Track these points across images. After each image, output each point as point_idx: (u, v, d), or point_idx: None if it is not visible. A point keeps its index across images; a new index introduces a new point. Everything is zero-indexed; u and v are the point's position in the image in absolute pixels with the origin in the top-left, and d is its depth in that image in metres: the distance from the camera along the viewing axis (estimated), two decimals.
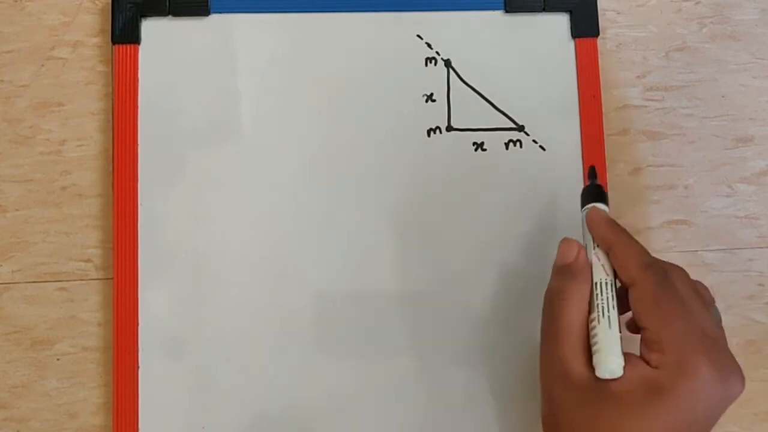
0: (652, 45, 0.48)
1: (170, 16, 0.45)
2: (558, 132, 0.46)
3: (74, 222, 0.44)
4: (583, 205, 0.39)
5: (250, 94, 0.45)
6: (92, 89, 0.45)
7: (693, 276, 0.46)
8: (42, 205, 0.44)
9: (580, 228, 0.39)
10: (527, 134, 0.46)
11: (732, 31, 0.49)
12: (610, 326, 0.34)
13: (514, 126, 0.46)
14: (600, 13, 0.47)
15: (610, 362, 0.33)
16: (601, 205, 0.38)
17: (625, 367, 0.33)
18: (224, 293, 0.43)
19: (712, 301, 0.36)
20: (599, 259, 0.36)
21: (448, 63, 0.46)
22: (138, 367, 0.42)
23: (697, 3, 0.49)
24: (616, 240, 0.36)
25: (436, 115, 0.46)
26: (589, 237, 0.37)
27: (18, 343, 0.43)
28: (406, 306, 0.44)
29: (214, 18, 0.45)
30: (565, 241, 0.37)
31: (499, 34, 0.46)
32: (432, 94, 0.46)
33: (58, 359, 0.43)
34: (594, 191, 0.39)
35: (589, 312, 0.35)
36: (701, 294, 0.35)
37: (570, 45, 0.47)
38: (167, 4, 0.45)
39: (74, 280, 0.44)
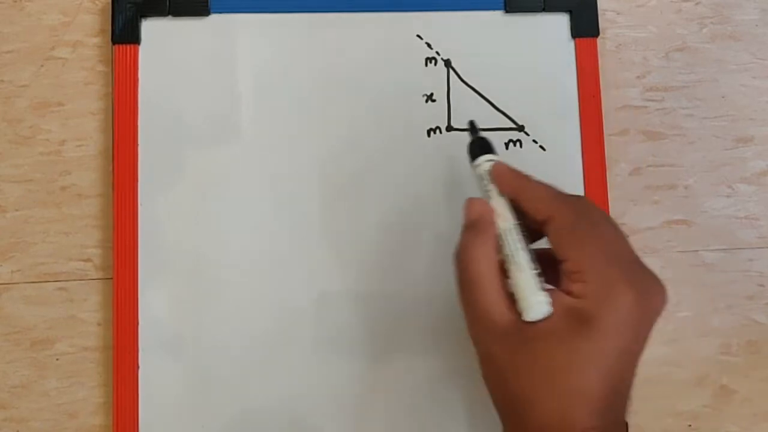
0: (652, 45, 0.48)
1: (170, 16, 0.45)
2: (558, 132, 0.46)
3: (74, 222, 0.44)
4: (473, 159, 0.39)
5: (249, 94, 0.45)
6: (92, 89, 0.45)
7: (693, 277, 0.46)
8: (42, 205, 0.44)
9: None
10: (527, 134, 0.46)
11: (732, 32, 0.49)
12: (522, 269, 0.34)
13: (514, 126, 0.46)
14: (600, 13, 0.47)
15: (533, 303, 0.33)
16: (493, 157, 0.38)
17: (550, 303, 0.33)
18: (224, 293, 0.43)
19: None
20: (501, 208, 0.36)
21: (448, 63, 0.46)
22: (138, 367, 0.42)
23: (697, 3, 0.49)
24: (523, 184, 0.36)
25: (436, 115, 0.46)
26: (491, 188, 0.37)
27: (18, 343, 0.43)
28: (407, 306, 0.44)
29: (214, 18, 0.45)
30: (467, 200, 0.37)
31: (499, 34, 0.46)
32: (432, 94, 0.46)
33: (57, 359, 0.43)
34: (481, 144, 0.39)
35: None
36: (611, 218, 0.36)
37: (570, 45, 0.47)
38: (167, 4, 0.45)
39: (74, 280, 0.44)
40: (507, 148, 0.46)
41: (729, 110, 0.48)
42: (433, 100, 0.46)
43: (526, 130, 0.46)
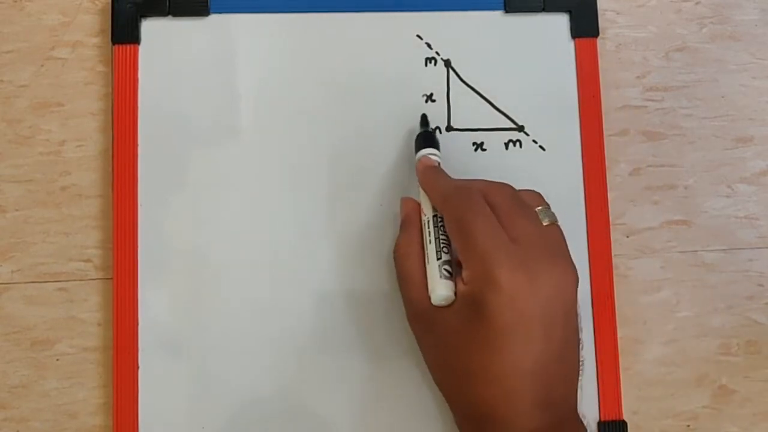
0: (652, 45, 0.48)
1: (170, 16, 0.45)
2: (558, 132, 0.46)
3: (74, 222, 0.44)
4: (416, 151, 0.42)
5: (249, 94, 0.45)
6: (92, 89, 0.45)
7: (692, 277, 0.46)
8: (42, 206, 0.44)
9: (578, 225, 0.40)
10: (527, 134, 0.46)
11: (732, 32, 0.49)
12: (429, 260, 0.38)
13: (514, 126, 0.46)
14: (600, 13, 0.47)
15: (434, 291, 0.37)
16: (428, 151, 0.41)
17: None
18: (224, 293, 0.43)
19: (541, 203, 0.38)
20: (423, 202, 0.40)
21: (448, 63, 0.46)
22: (138, 367, 0.42)
23: (697, 3, 0.49)
24: (430, 179, 0.40)
25: (436, 115, 0.46)
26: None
27: (18, 344, 0.43)
28: None
29: (214, 18, 0.45)
30: (401, 199, 0.41)
31: (499, 34, 0.46)
32: (432, 94, 0.46)
33: (57, 359, 0.43)
34: (425, 137, 0.42)
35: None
36: (520, 200, 0.37)
37: (570, 45, 0.47)
38: (167, 4, 0.45)
39: (74, 280, 0.44)
40: (507, 148, 0.46)
41: (729, 110, 0.48)
42: (433, 100, 0.46)
43: (526, 130, 0.46)
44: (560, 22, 0.47)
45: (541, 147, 0.46)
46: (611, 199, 0.46)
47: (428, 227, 0.39)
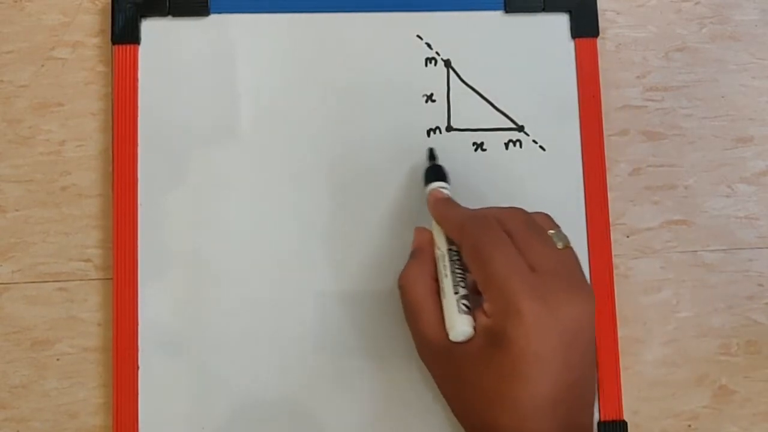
0: (652, 45, 0.48)
1: (170, 16, 0.45)
2: (558, 132, 0.46)
3: (74, 222, 0.44)
4: (425, 185, 0.42)
5: (249, 94, 0.45)
6: (92, 89, 0.45)
7: (692, 277, 0.46)
8: (42, 205, 0.44)
9: (578, 225, 0.40)
10: (527, 134, 0.46)
11: (732, 32, 0.49)
12: (446, 294, 0.36)
13: (514, 126, 0.46)
14: (600, 13, 0.47)
15: (453, 327, 0.35)
16: (438, 184, 0.41)
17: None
18: (224, 293, 0.43)
19: (553, 227, 0.37)
20: (436, 235, 0.39)
21: (448, 63, 0.46)
22: (138, 367, 0.42)
23: (696, 3, 0.49)
24: (442, 211, 0.39)
25: (436, 115, 0.46)
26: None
27: (18, 343, 0.43)
28: None
29: (214, 18, 0.45)
30: (414, 229, 0.40)
31: (499, 34, 0.46)
32: (432, 94, 0.46)
33: (57, 359, 0.43)
34: (435, 171, 0.42)
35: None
36: (535, 225, 0.37)
37: (570, 45, 0.47)
38: (167, 4, 0.45)
39: (74, 280, 0.44)
40: (507, 148, 0.46)
41: (729, 110, 0.48)
42: (433, 101, 0.46)
43: (526, 130, 0.46)
44: (560, 22, 0.47)
45: (541, 147, 0.46)
46: (611, 199, 0.46)
47: (443, 261, 0.38)
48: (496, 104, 0.46)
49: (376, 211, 0.45)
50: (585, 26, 0.47)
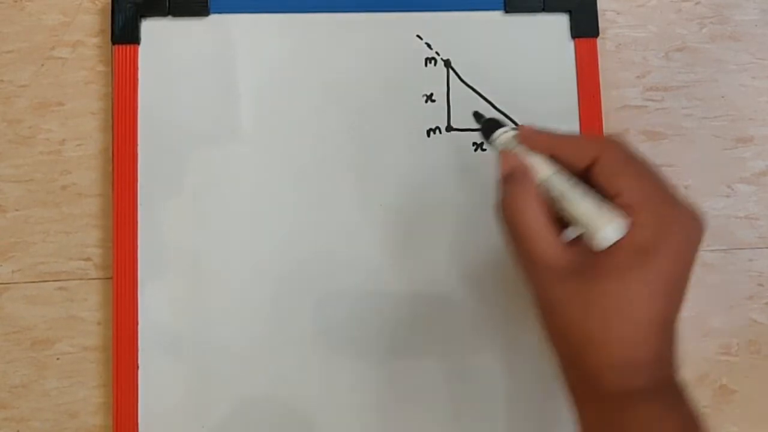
0: (652, 45, 0.48)
1: (170, 17, 0.45)
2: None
3: (74, 222, 0.44)
4: (488, 138, 0.38)
5: (249, 94, 0.45)
6: (92, 89, 0.45)
7: (692, 276, 0.46)
8: (42, 205, 0.44)
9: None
10: None
11: (732, 32, 0.49)
12: (582, 199, 0.34)
13: (513, 126, 0.46)
14: (600, 13, 0.47)
15: (599, 230, 0.33)
16: (510, 126, 0.38)
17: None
18: (224, 293, 0.43)
19: None
20: (536, 162, 0.36)
21: (448, 63, 0.46)
22: (138, 367, 0.42)
23: (697, 3, 0.49)
24: (556, 138, 0.36)
25: (436, 115, 0.46)
26: (520, 150, 0.37)
27: (18, 343, 0.43)
28: (408, 306, 0.44)
29: (214, 18, 0.45)
30: (501, 155, 0.37)
31: (499, 34, 0.46)
32: (432, 94, 0.46)
33: (57, 359, 0.43)
34: (493, 123, 0.39)
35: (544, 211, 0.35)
36: None
37: (570, 45, 0.47)
38: (167, 4, 0.45)
39: (74, 280, 0.44)
40: None
41: (728, 110, 0.48)
42: (433, 100, 0.46)
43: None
44: (560, 22, 0.47)
45: None
46: None
47: (557, 177, 0.35)
48: (495, 104, 0.46)
49: (377, 210, 0.45)
50: (585, 26, 0.47)
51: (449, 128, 0.46)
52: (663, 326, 0.33)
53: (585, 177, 0.35)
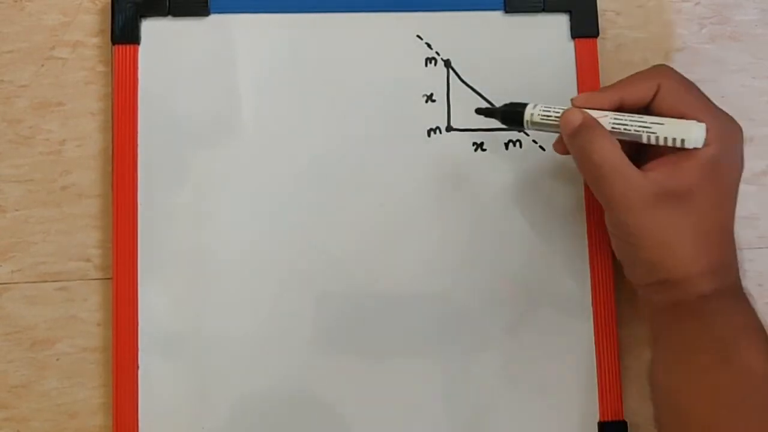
0: (652, 45, 0.48)
1: (170, 17, 0.45)
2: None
3: (74, 222, 0.44)
4: (513, 122, 0.41)
5: (249, 94, 0.45)
6: (92, 89, 0.45)
7: None
8: (42, 205, 0.44)
9: (578, 226, 0.43)
10: (527, 134, 0.46)
11: (732, 32, 0.49)
12: (659, 121, 0.37)
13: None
14: (600, 13, 0.47)
15: (691, 131, 0.37)
16: (532, 104, 0.41)
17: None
18: (224, 293, 0.43)
19: None
20: (598, 114, 0.38)
21: (448, 63, 0.46)
22: (138, 367, 0.42)
23: (696, 3, 0.49)
24: (615, 86, 0.40)
25: (436, 115, 0.46)
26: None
27: (18, 343, 0.43)
28: (406, 305, 0.44)
29: (214, 18, 0.45)
30: (566, 114, 0.39)
31: (499, 34, 0.46)
32: (432, 94, 0.46)
33: (57, 359, 0.43)
34: (512, 107, 0.41)
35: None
36: None
37: (570, 45, 0.47)
38: (167, 4, 0.45)
39: (74, 280, 0.44)
40: (507, 148, 0.46)
41: (728, 110, 0.48)
42: (433, 100, 0.46)
43: (526, 130, 0.46)
44: (560, 22, 0.47)
45: (541, 147, 0.46)
46: None
47: (623, 116, 0.38)
48: (496, 104, 0.46)
49: (377, 210, 0.45)
50: (585, 26, 0.47)
51: (449, 128, 0.46)
52: (727, 234, 0.39)
53: (645, 112, 0.39)
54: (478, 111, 0.43)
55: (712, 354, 0.37)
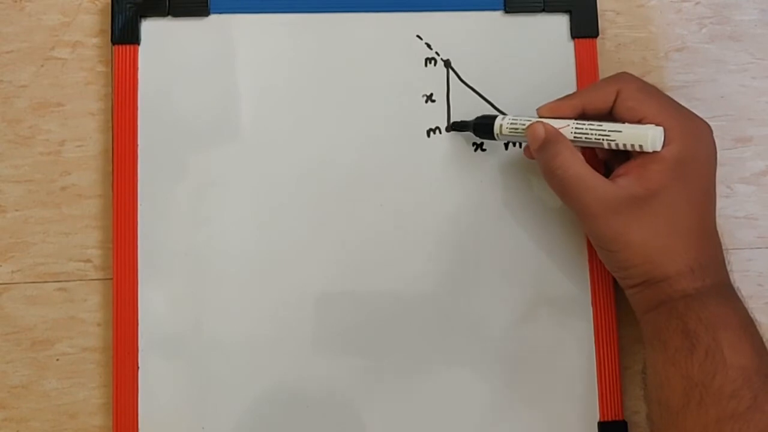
0: (652, 45, 0.48)
1: (170, 17, 0.45)
2: None
3: (74, 222, 0.44)
4: (484, 134, 0.44)
5: (249, 94, 0.45)
6: (92, 89, 0.45)
7: None
8: (42, 206, 0.44)
9: (578, 225, 0.42)
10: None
11: (731, 32, 0.49)
12: (617, 128, 0.38)
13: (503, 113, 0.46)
14: (599, 13, 0.47)
15: (647, 136, 0.37)
16: (502, 115, 0.43)
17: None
18: (224, 293, 0.43)
19: None
20: (560, 123, 0.40)
21: (447, 63, 0.46)
22: (138, 367, 0.42)
23: (696, 3, 0.49)
24: (576, 94, 0.42)
25: (436, 115, 0.46)
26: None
27: (18, 344, 0.43)
28: (406, 306, 0.44)
29: (214, 18, 0.45)
30: (530, 128, 0.40)
31: (499, 34, 0.46)
32: (432, 94, 0.46)
33: (57, 359, 0.43)
34: (483, 119, 0.44)
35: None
36: None
37: (569, 45, 0.47)
38: (167, 4, 0.45)
39: (74, 281, 0.44)
40: (507, 148, 0.46)
41: (728, 110, 0.48)
42: (433, 101, 0.46)
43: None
44: (560, 22, 0.47)
45: None
46: None
47: (582, 125, 0.39)
48: (496, 104, 0.46)
49: (376, 210, 0.45)
50: (585, 26, 0.47)
51: (449, 128, 0.46)
52: (707, 231, 0.39)
53: (608, 118, 0.40)
54: (453, 125, 0.45)
55: (687, 350, 0.37)
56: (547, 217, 0.45)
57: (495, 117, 0.43)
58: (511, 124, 0.42)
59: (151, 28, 0.45)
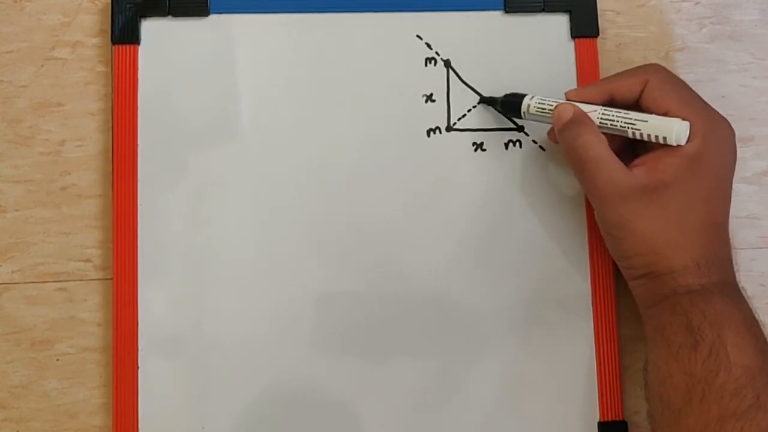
0: (652, 45, 0.48)
1: (170, 17, 0.45)
2: None
3: (74, 222, 0.44)
4: (512, 112, 0.44)
5: (249, 94, 0.45)
6: (92, 89, 0.45)
7: None
8: (42, 206, 0.44)
9: (578, 225, 0.43)
10: (527, 134, 0.46)
11: (732, 32, 0.49)
12: (645, 118, 0.38)
13: (513, 126, 0.46)
14: (600, 13, 0.47)
15: (672, 129, 0.38)
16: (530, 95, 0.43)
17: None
18: (224, 293, 0.43)
19: None
20: (589, 108, 0.40)
21: (447, 63, 0.46)
22: (138, 367, 0.42)
23: (696, 3, 0.49)
24: (604, 81, 0.42)
25: (436, 115, 0.46)
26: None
27: (18, 344, 0.43)
28: (405, 306, 0.44)
29: (214, 18, 0.45)
30: (558, 108, 0.41)
31: (499, 34, 0.46)
32: (432, 94, 0.46)
33: (57, 359, 0.43)
34: (513, 97, 0.44)
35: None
36: None
37: (570, 45, 0.47)
38: (167, 4, 0.45)
39: (74, 281, 0.44)
40: (507, 148, 0.46)
41: (729, 110, 0.48)
42: (433, 101, 0.46)
43: (525, 130, 0.46)
44: (560, 22, 0.47)
45: (541, 147, 0.46)
46: None
47: (610, 111, 0.40)
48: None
49: (376, 210, 0.45)
50: (585, 26, 0.47)
51: (449, 128, 0.46)
52: (716, 229, 0.39)
53: (634, 107, 0.40)
54: (482, 99, 0.45)
55: (690, 346, 0.37)
56: (547, 218, 0.45)
57: (524, 96, 0.43)
58: (540, 103, 0.42)
59: (151, 28, 0.45)
